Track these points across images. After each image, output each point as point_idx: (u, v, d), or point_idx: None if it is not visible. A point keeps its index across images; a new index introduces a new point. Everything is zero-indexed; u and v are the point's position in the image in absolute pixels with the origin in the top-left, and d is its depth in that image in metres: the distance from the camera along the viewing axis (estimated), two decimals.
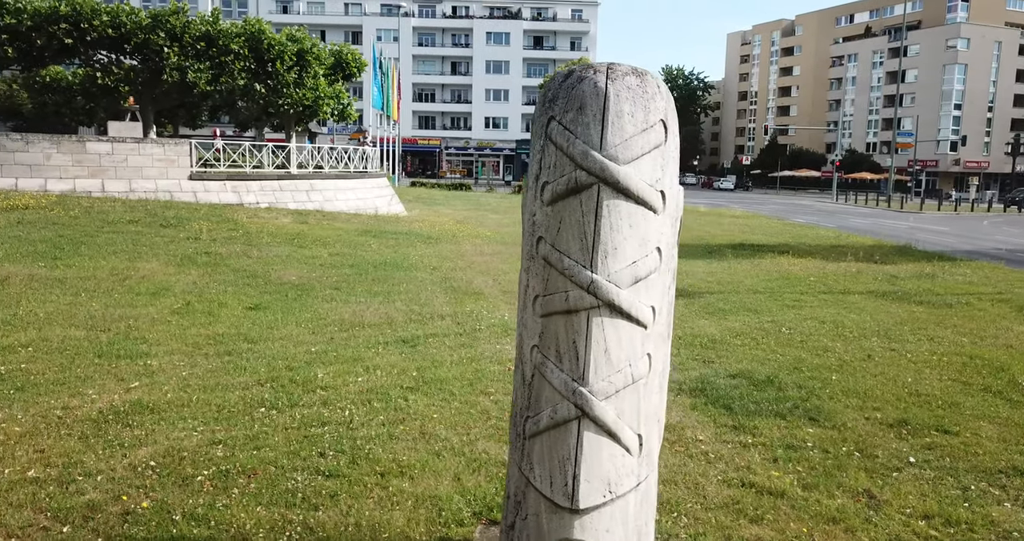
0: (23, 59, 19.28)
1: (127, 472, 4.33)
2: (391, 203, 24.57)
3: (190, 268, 11.21)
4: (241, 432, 5.04)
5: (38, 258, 10.88)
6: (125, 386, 5.87)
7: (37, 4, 18.54)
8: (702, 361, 7.48)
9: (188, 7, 20.57)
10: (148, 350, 6.91)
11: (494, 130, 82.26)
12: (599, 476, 2.76)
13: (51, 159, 17.41)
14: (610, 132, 2.64)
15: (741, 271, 14.35)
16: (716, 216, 32.29)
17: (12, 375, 5.97)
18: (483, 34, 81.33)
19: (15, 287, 9.08)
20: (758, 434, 5.41)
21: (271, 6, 79.47)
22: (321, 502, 4.06)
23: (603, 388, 2.72)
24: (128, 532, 3.65)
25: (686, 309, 10.23)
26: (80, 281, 9.67)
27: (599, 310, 2.69)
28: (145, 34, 19.06)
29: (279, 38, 21.16)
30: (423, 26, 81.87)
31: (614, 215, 2.68)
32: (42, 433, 4.84)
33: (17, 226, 13.24)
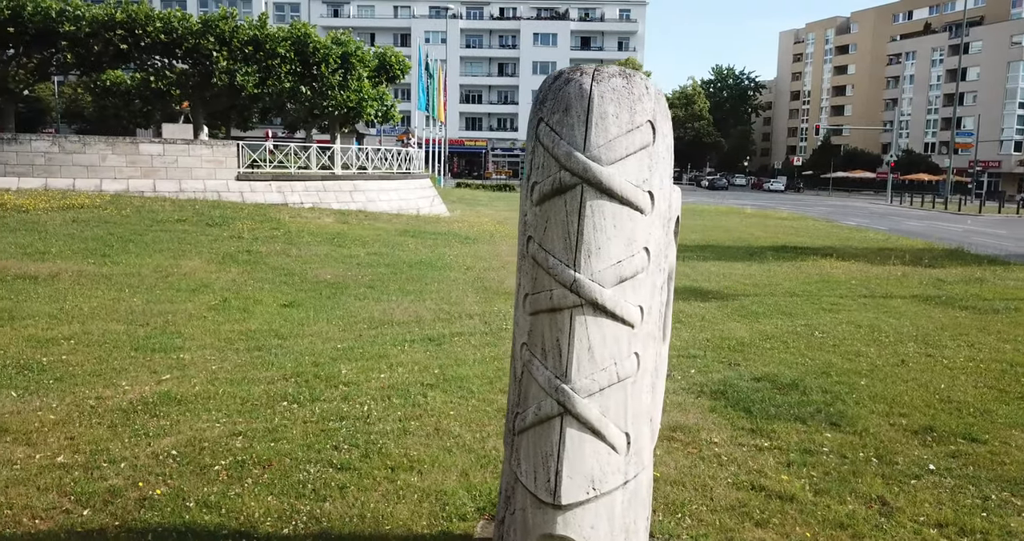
0: (82, 64, 20.10)
1: (149, 460, 4.51)
2: (433, 204, 24.83)
3: (231, 266, 11.54)
4: (261, 424, 5.19)
5: (88, 255, 11.34)
6: (157, 378, 6.10)
7: (95, 11, 19.31)
8: (727, 364, 7.40)
9: (237, 12, 21.15)
10: (182, 344, 7.16)
11: None
12: (582, 473, 2.78)
13: (106, 160, 18.10)
14: (594, 133, 2.67)
15: (780, 274, 14.12)
16: (762, 218, 31.75)
17: (53, 366, 6.25)
18: (530, 35, 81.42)
19: (64, 283, 9.49)
20: (775, 438, 5.35)
21: (322, 10, 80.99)
22: (329, 494, 4.17)
23: (586, 385, 2.74)
24: (143, 517, 3.81)
25: (718, 312, 10.12)
26: (125, 277, 10.06)
27: (582, 308, 2.72)
28: (196, 39, 19.68)
29: (324, 41, 21.60)
30: (471, 28, 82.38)
31: (597, 215, 2.70)
32: (74, 421, 5.07)
33: (72, 224, 13.81)
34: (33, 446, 4.65)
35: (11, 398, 5.47)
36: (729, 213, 34.15)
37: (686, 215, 31.28)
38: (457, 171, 76.98)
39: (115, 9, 19.43)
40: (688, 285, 12.41)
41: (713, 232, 23.28)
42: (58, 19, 18.84)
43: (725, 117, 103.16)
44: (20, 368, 6.13)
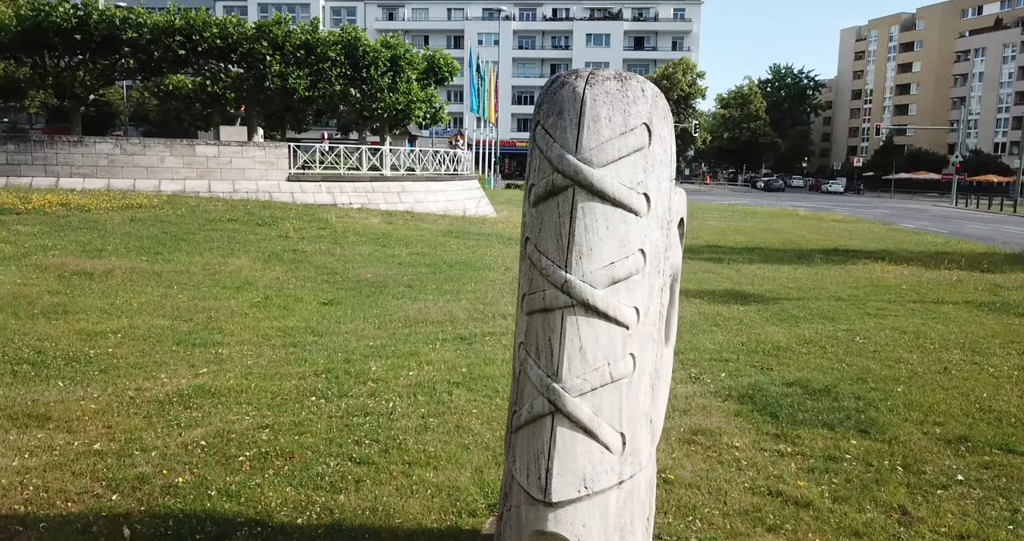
0: (143, 70, 20.92)
1: (179, 449, 4.71)
2: (479, 205, 25.01)
3: (276, 264, 11.86)
4: (288, 418, 5.35)
5: (142, 253, 11.81)
6: (194, 372, 6.34)
7: (156, 18, 20.08)
8: (760, 368, 7.30)
9: (290, 17, 21.71)
10: (222, 340, 7.41)
11: None
12: (573, 471, 2.81)
13: (164, 162, 18.79)
14: (585, 136, 2.70)
15: (828, 277, 13.81)
16: (815, 220, 31.02)
17: (99, 358, 6.56)
18: (583, 36, 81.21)
19: (117, 279, 9.91)
20: (799, 444, 5.27)
21: (378, 13, 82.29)
22: (345, 486, 4.29)
23: (577, 385, 2.77)
24: (166, 503, 3.99)
25: (757, 315, 9.97)
26: (175, 275, 10.45)
27: (573, 309, 2.75)
28: (250, 44, 20.28)
29: (374, 45, 21.99)
30: (523, 29, 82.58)
31: (589, 217, 2.73)
32: (113, 411, 5.31)
33: (130, 223, 14.38)
34: (73, 433, 4.89)
35: (58, 388, 5.76)
36: (781, 215, 33.46)
37: (734, 217, 30.77)
38: (508, 172, 77.24)
39: (174, 16, 20.18)
40: (730, 288, 12.25)
41: (762, 234, 22.85)
42: (121, 26, 19.66)
43: (782, 117, 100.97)
44: (69, 360, 6.44)
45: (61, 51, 20.62)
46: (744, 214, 32.80)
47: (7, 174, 18.39)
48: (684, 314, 9.85)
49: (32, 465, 4.39)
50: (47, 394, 5.59)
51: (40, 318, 7.74)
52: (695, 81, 72.77)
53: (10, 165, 18.44)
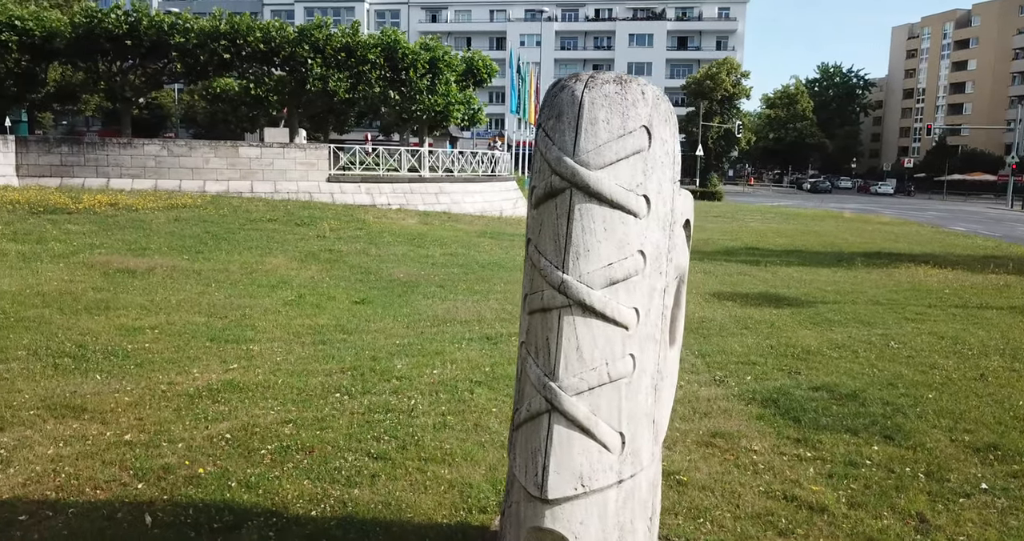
0: (189, 73, 21.55)
1: (204, 442, 4.87)
2: (516, 205, 25.09)
3: (312, 264, 12.10)
4: (312, 414, 5.48)
5: (183, 252, 12.16)
6: (225, 367, 6.53)
7: (202, 23, 20.65)
8: (787, 372, 7.21)
9: (331, 21, 22.10)
10: (254, 337, 7.60)
11: None
12: (570, 469, 2.84)
13: (209, 163, 19.30)
14: (583, 138, 2.74)
15: (867, 281, 13.52)
16: (860, 222, 30.34)
17: (136, 353, 6.79)
18: (625, 36, 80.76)
19: (158, 277, 10.24)
20: (820, 449, 5.20)
21: (421, 16, 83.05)
22: (361, 481, 4.39)
23: (573, 384, 2.80)
24: (187, 492, 4.13)
25: (790, 319, 9.83)
26: (213, 273, 10.74)
27: (570, 309, 2.78)
28: (292, 47, 20.72)
29: (413, 47, 22.25)
30: (565, 30, 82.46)
31: (586, 218, 2.76)
32: (145, 404, 5.51)
33: (174, 223, 14.82)
34: (106, 424, 5.10)
35: (95, 381, 6.00)
36: (825, 217, 32.81)
37: (776, 219, 30.27)
38: None
39: (220, 21, 20.73)
40: (764, 291, 12.09)
41: (803, 237, 22.46)
42: (170, 31, 20.28)
43: (830, 117, 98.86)
44: (107, 354, 6.69)
45: (113, 56, 21.34)
46: (787, 216, 32.27)
47: (61, 175, 19.11)
48: (714, 316, 9.78)
49: (65, 454, 4.59)
50: (85, 386, 5.82)
51: (83, 313, 8.05)
52: (739, 81, 71.68)
53: (64, 166, 19.15)
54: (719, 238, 21.23)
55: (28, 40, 20.32)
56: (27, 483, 4.19)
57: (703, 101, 68.95)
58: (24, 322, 7.52)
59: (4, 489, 4.10)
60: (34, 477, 4.26)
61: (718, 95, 70.00)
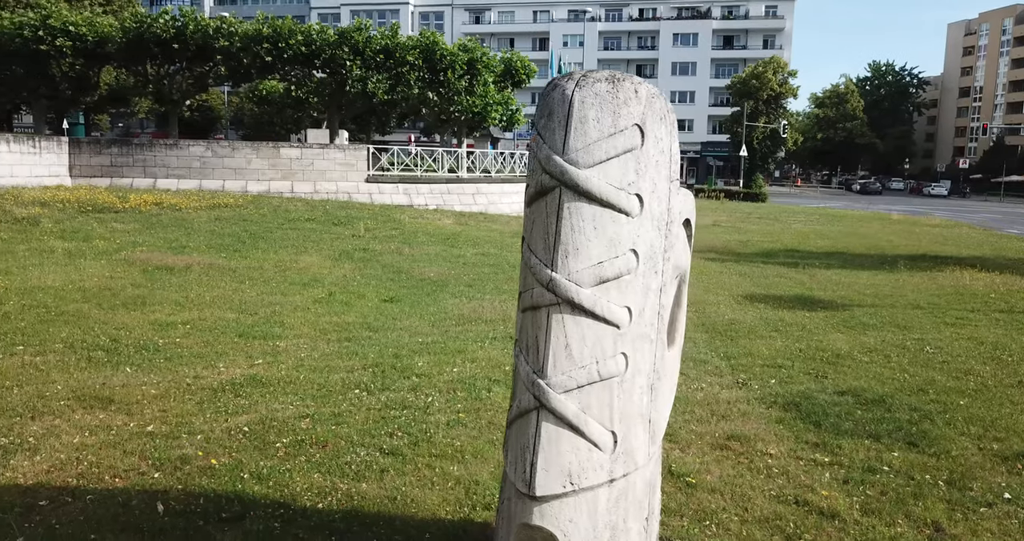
0: (233, 76, 22.09)
1: (223, 434, 4.99)
2: None
3: (345, 262, 12.29)
4: (329, 409, 5.58)
5: (221, 250, 12.47)
6: (250, 362, 6.68)
7: (246, 27, 21.14)
8: (814, 376, 7.08)
9: (370, 23, 22.40)
10: (281, 333, 7.76)
11: (678, 132, 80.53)
12: (558, 467, 2.84)
13: (251, 163, 19.73)
14: (572, 137, 2.74)
15: (909, 284, 13.17)
16: (908, 224, 29.52)
17: (167, 347, 7.00)
18: (670, 36, 79.96)
19: (194, 274, 10.52)
20: (839, 454, 5.10)
21: (464, 17, 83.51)
22: (370, 475, 4.45)
23: (562, 382, 2.81)
24: (201, 482, 4.25)
25: (823, 322, 9.64)
26: (248, 271, 10.98)
27: (559, 307, 2.79)
28: (332, 50, 21.06)
29: (451, 48, 22.41)
30: (609, 30, 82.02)
31: (575, 217, 2.76)
32: (170, 397, 5.67)
33: (215, 222, 15.19)
34: (131, 415, 5.26)
35: (125, 373, 6.19)
36: (872, 219, 32.01)
37: (820, 221, 29.64)
38: None
39: (263, 24, 21.18)
40: (800, 293, 11.88)
41: (847, 239, 21.96)
42: (215, 35, 20.80)
43: (882, 116, 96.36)
44: (139, 348, 6.90)
45: (161, 60, 22.00)
46: (832, 218, 31.58)
47: (111, 175, 19.75)
48: (744, 319, 9.65)
49: (90, 443, 4.75)
50: (115, 379, 6.02)
51: (120, 309, 8.32)
52: (786, 80, 70.33)
53: (114, 167, 19.79)
54: (759, 240, 20.91)
55: (81, 45, 21.07)
56: (51, 470, 4.35)
57: (748, 101, 67.85)
58: (64, 316, 7.80)
59: (30, 475, 4.27)
60: (58, 464, 4.43)
61: (764, 95, 68.79)
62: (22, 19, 20.94)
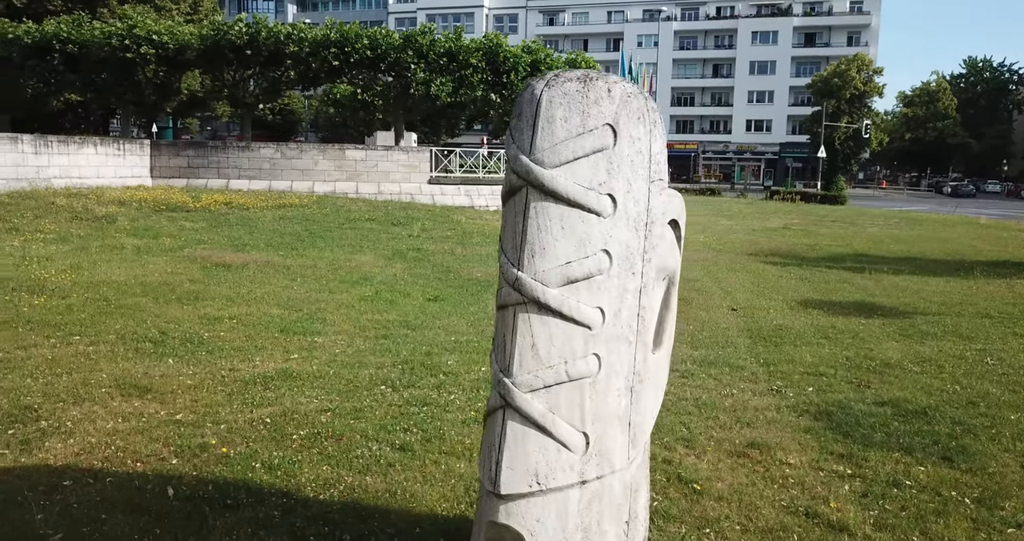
0: (302, 80, 22.84)
1: (244, 425, 5.18)
2: None
3: (397, 262, 12.52)
4: (352, 404, 5.71)
5: (280, 248, 12.90)
6: (286, 357, 6.90)
7: (314, 33, 21.81)
8: (855, 385, 6.80)
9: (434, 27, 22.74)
10: (321, 329, 7.98)
11: (756, 133, 78.59)
12: (524, 466, 2.85)
13: (318, 165, 20.34)
14: (539, 137, 2.75)
15: (983, 292, 12.46)
16: (997, 229, 27.90)
17: (210, 341, 7.30)
18: (748, 34, 78.02)
19: (250, 271, 10.92)
20: (864, 466, 4.89)
21: (538, 19, 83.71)
22: (377, 469, 4.54)
23: (527, 381, 2.81)
24: (214, 469, 4.42)
25: (879, 329, 9.24)
26: (301, 269, 11.33)
27: (525, 306, 2.79)
28: (397, 53, 21.49)
29: (514, 51, 22.52)
30: (685, 29, 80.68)
31: (542, 216, 2.76)
32: (203, 387, 5.92)
33: (279, 221, 15.73)
34: (164, 404, 5.52)
35: (167, 364, 6.50)
36: (957, 223, 30.38)
37: (899, 225, 28.32)
38: None
39: (331, 30, 21.81)
40: (860, 299, 11.42)
41: (924, 244, 20.95)
42: (285, 41, 21.54)
43: (977, 115, 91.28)
44: (184, 341, 7.23)
45: (236, 65, 22.93)
46: (913, 221, 30.15)
47: (187, 176, 20.73)
48: (793, 325, 9.35)
49: (121, 429, 5.01)
50: (156, 369, 6.32)
51: (174, 303, 8.72)
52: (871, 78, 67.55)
53: (191, 168, 20.77)
54: (828, 244, 20.19)
55: (163, 53, 22.20)
56: (81, 453, 4.62)
57: (830, 100, 65.51)
58: (121, 309, 8.24)
59: (60, 457, 4.54)
60: (88, 448, 4.69)
61: (847, 94, 66.25)
62: (110, 29, 22.23)
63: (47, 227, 13.13)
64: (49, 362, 6.31)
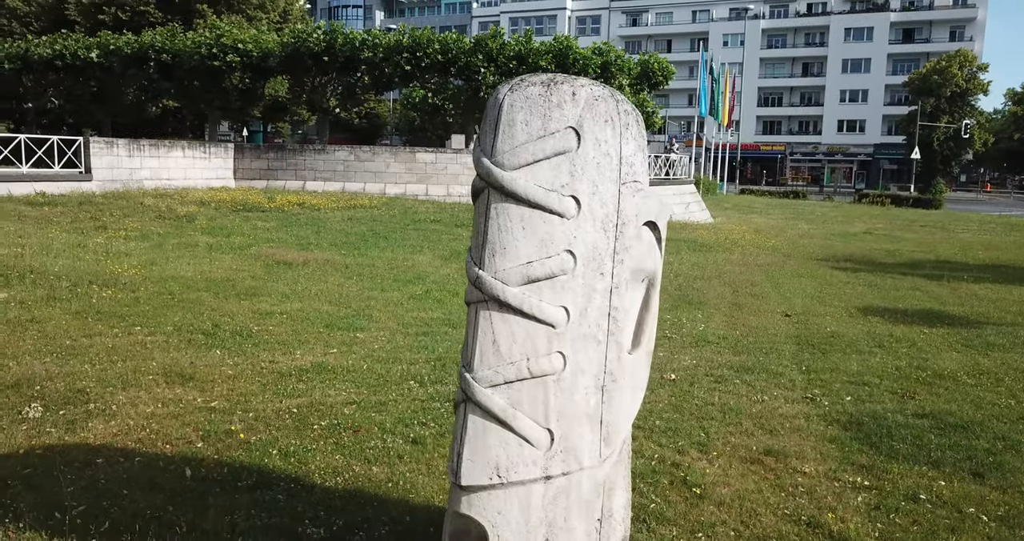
0: (376, 85, 23.49)
1: (271, 414, 5.44)
2: (689, 209, 24.43)
3: (453, 262, 12.75)
4: (377, 398, 5.90)
5: (343, 247, 13.35)
6: (325, 351, 7.18)
7: (388, 38, 22.42)
8: (899, 395, 6.54)
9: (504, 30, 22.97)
10: (365, 325, 8.25)
11: (848, 134, 75.47)
12: (485, 459, 2.93)
13: (389, 167, 20.90)
14: (500, 140, 2.84)
15: None
16: None
17: (258, 334, 7.67)
18: (841, 31, 75.03)
19: (309, 269, 11.37)
20: (883, 478, 4.72)
21: (621, 20, 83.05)
22: (385, 460, 4.69)
23: (488, 376, 2.89)
24: (233, 454, 4.68)
25: (940, 339, 8.82)
26: (359, 268, 11.71)
27: (487, 304, 2.88)
28: (467, 57, 21.83)
29: (584, 52, 22.49)
30: (773, 27, 78.32)
31: (503, 217, 2.85)
32: (241, 377, 6.25)
33: (347, 222, 16.27)
34: (202, 392, 5.86)
35: (215, 355, 6.88)
36: None
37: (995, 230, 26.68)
38: (751, 177, 73.77)
39: (403, 35, 22.37)
40: (929, 308, 10.90)
41: (1018, 251, 19.71)
42: (360, 47, 22.25)
43: None
44: (234, 333, 7.62)
45: (315, 71, 23.83)
46: (1011, 227, 28.37)
47: (267, 178, 21.69)
48: (847, 332, 9.03)
49: (159, 413, 5.36)
50: (203, 359, 6.71)
51: (233, 298, 9.19)
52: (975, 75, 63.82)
53: (270, 170, 21.73)
54: (910, 250, 19.27)
55: (248, 60, 23.30)
56: (118, 433, 4.97)
57: (928, 99, 62.28)
58: (184, 303, 8.75)
59: (100, 436, 4.91)
60: (125, 429, 5.04)
61: (947, 91, 62.85)
62: (200, 39, 23.53)
63: (131, 225, 14.04)
64: (109, 350, 6.79)
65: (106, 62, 24.92)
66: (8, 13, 34.84)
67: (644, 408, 5.90)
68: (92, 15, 32.21)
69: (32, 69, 26.94)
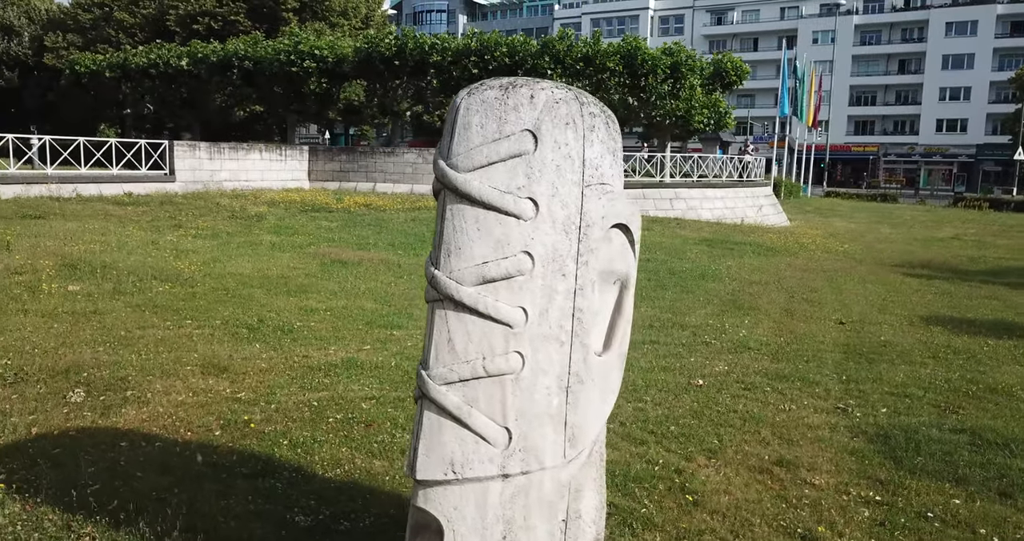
0: (444, 89, 23.85)
1: (292, 406, 5.65)
2: (762, 212, 23.75)
3: None
4: (396, 394, 6.04)
5: (398, 247, 13.65)
6: (359, 347, 7.38)
7: (456, 42, 22.76)
8: (941, 409, 6.22)
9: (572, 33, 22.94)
10: (403, 323, 8.43)
11: (947, 134, 71.50)
12: (439, 454, 3.00)
13: None
14: (455, 142, 2.91)
15: None
16: None
17: (299, 330, 7.95)
18: (941, 25, 71.18)
19: (362, 267, 11.68)
20: (897, 494, 4.52)
21: (706, 19, 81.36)
22: (388, 454, 4.82)
23: (443, 374, 2.96)
24: (246, 442, 4.90)
25: (1005, 351, 8.39)
26: (411, 267, 11.95)
27: (442, 303, 2.96)
28: (534, 60, 21.91)
29: (653, 53, 22.20)
30: (867, 23, 75.05)
31: (458, 218, 2.92)
32: (273, 371, 6.51)
33: (408, 222, 16.62)
34: (233, 383, 6.14)
35: (253, 349, 7.18)
36: None
37: None
38: (840, 179, 70.91)
39: (471, 39, 22.67)
40: (998, 318, 10.28)
41: None
42: (429, 51, 22.67)
43: None
44: (277, 329, 7.93)
45: (386, 76, 24.43)
46: None
47: (339, 179, 22.38)
48: (902, 341, 8.63)
49: (189, 402, 5.66)
50: (241, 352, 7.02)
51: (283, 294, 9.56)
52: None
53: (342, 172, 22.41)
54: (998, 256, 18.16)
55: (324, 66, 24.12)
56: (147, 420, 5.28)
57: None
58: (236, 298, 9.16)
59: (129, 422, 5.23)
60: (155, 416, 5.35)
61: None
62: (279, 46, 24.52)
63: (204, 224, 14.77)
64: (157, 341, 7.20)
65: (195, 69, 26.31)
66: (116, 25, 37.19)
67: (661, 413, 5.83)
68: (188, 25, 34.03)
69: (130, 77, 28.73)
